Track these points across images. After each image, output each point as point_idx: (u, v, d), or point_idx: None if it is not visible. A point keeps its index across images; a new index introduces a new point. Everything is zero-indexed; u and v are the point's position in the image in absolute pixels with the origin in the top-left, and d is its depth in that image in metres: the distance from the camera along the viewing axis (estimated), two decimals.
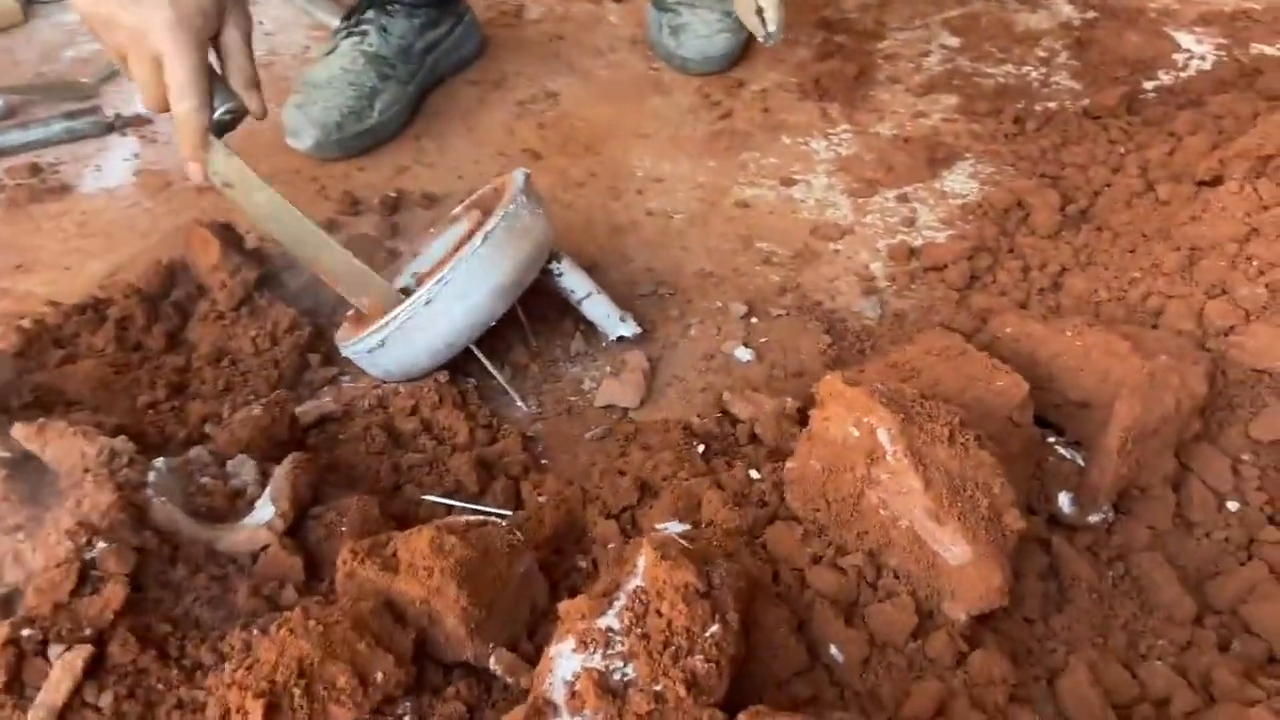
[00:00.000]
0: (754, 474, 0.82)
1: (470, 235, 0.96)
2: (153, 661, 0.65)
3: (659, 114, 1.42)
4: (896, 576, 0.71)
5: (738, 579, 0.64)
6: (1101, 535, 0.83)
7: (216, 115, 0.89)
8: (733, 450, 0.92)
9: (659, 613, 0.60)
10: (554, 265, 1.00)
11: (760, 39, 1.11)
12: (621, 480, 0.83)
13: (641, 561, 0.62)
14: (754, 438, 0.92)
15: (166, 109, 0.88)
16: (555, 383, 1.02)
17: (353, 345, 0.95)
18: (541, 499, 0.84)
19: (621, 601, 0.61)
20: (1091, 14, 1.57)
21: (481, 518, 0.71)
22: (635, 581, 0.62)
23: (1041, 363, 0.87)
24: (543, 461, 0.94)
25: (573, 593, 0.69)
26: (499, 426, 0.95)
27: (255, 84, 0.92)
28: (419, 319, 0.91)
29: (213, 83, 0.89)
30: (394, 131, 1.35)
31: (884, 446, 0.67)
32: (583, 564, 0.78)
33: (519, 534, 0.70)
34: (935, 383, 0.80)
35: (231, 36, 0.90)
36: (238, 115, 0.92)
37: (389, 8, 1.34)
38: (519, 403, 0.99)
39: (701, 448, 0.91)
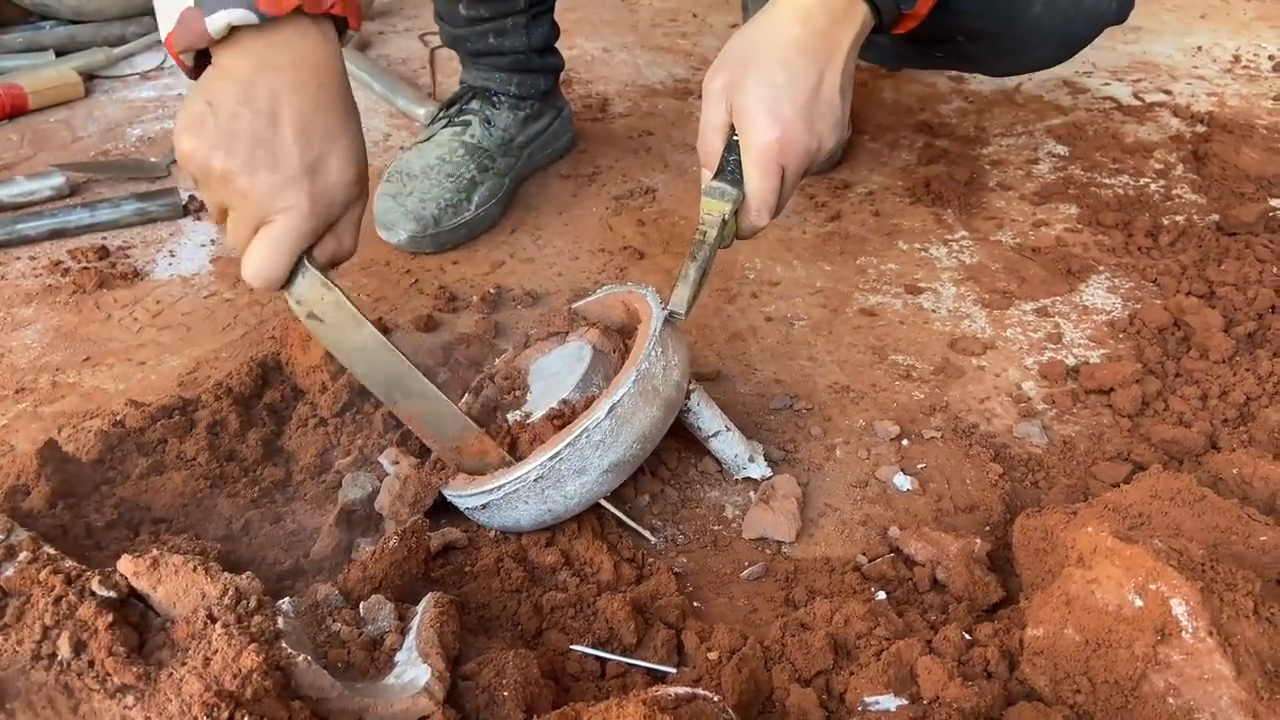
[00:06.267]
0: (966, 635, 0.71)
1: (586, 375, 0.85)
2: None
3: None
4: None
5: None
6: None
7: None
8: (914, 598, 0.81)
9: None
10: (684, 401, 0.88)
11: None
12: (810, 637, 0.72)
13: None
14: (935, 583, 0.81)
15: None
16: (694, 508, 0.91)
17: (454, 495, 0.83)
18: (713, 655, 0.72)
19: None
20: (1201, 128, 1.52)
21: (689, 690, 0.59)
22: None
23: None
24: (695, 604, 0.82)
25: None
26: (644, 561, 0.84)
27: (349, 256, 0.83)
28: (525, 492, 0.79)
29: None
30: (489, 225, 1.27)
31: (1179, 622, 0.57)
32: None
33: (732, 713, 0.58)
34: (1174, 535, 0.70)
35: (350, 217, 0.81)
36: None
37: (495, 99, 1.27)
38: (650, 538, 0.87)
39: (881, 594, 0.80)
